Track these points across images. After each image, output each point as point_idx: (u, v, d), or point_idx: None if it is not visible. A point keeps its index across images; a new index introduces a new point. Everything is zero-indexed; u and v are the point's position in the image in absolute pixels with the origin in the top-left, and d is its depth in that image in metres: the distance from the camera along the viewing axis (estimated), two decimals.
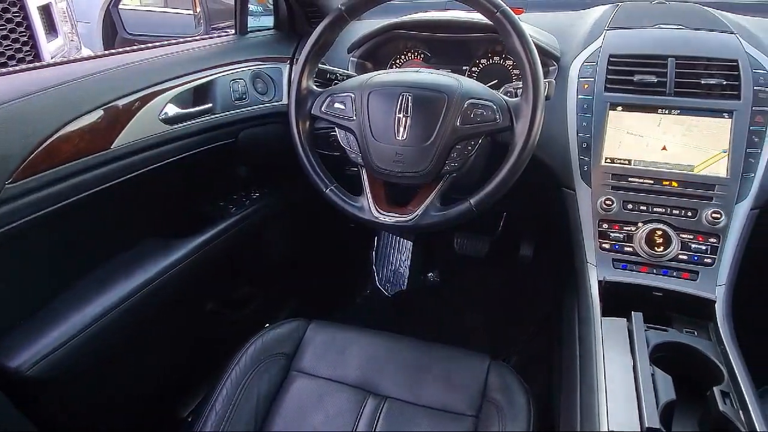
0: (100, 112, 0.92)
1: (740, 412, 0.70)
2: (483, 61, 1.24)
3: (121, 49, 1.09)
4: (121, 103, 0.96)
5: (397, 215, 0.94)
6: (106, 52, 1.11)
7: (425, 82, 0.94)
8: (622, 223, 0.96)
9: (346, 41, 1.29)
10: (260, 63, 1.28)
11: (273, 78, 1.29)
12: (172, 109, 1.05)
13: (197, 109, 1.11)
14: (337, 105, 0.97)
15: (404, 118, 0.91)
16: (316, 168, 1.00)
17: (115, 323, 1.00)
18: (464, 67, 1.25)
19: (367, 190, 0.97)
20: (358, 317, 1.83)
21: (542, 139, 1.05)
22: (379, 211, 0.94)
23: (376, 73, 1.00)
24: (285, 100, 1.29)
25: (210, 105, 1.13)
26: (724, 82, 0.98)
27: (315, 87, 1.02)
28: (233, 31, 1.33)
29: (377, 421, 0.94)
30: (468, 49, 1.24)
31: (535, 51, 0.87)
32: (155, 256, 1.10)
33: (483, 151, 1.00)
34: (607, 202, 0.97)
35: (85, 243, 1.02)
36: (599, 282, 0.93)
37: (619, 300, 0.89)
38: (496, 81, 1.19)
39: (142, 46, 1.12)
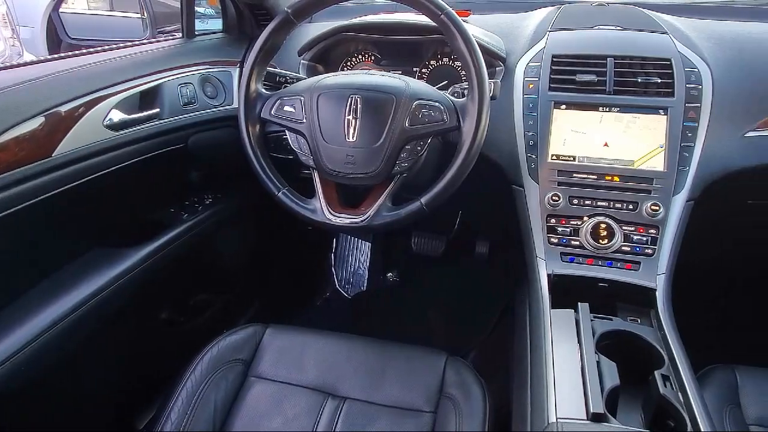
0: (40, 119, 0.89)
1: (679, 393, 0.74)
2: (433, 62, 1.26)
3: (63, 54, 1.06)
4: (63, 109, 0.93)
5: (349, 216, 0.94)
6: (49, 57, 1.08)
7: (374, 84, 0.95)
8: (569, 217, 1.00)
9: (297, 44, 1.29)
10: (209, 66, 1.26)
11: (223, 82, 1.27)
12: (117, 115, 1.02)
13: (144, 114, 1.08)
14: (286, 108, 0.97)
15: (354, 120, 0.92)
16: (267, 171, 1.00)
17: (64, 336, 0.97)
18: (414, 69, 1.27)
19: (320, 192, 0.97)
20: (319, 320, 1.83)
21: (491, 138, 1.07)
22: (331, 213, 0.95)
23: (325, 75, 1.01)
24: (236, 104, 1.28)
25: (157, 110, 1.11)
26: (659, 80, 1.03)
27: (264, 90, 1.01)
28: (180, 35, 1.31)
29: (336, 423, 0.95)
30: (418, 50, 1.26)
31: (479, 52, 0.90)
32: (104, 266, 1.07)
33: (434, 150, 1.02)
34: (554, 197, 1.00)
35: (30, 255, 0.99)
36: (548, 275, 0.96)
37: (567, 292, 0.92)
38: (446, 82, 1.20)
39: (86, 50, 1.09)
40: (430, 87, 0.96)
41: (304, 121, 0.95)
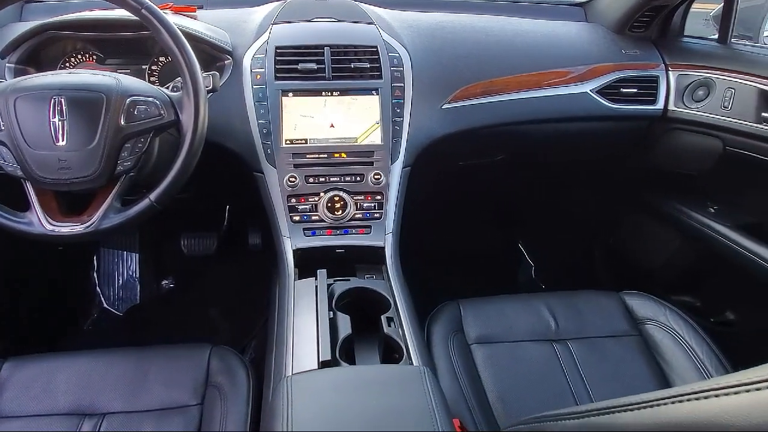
0: None
1: (400, 330, 0.86)
2: (162, 58, 1.23)
3: None
4: None
5: (73, 224, 0.89)
6: None
7: (78, 83, 0.90)
8: (307, 195, 1.08)
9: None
10: None
11: None
12: None
13: None
14: None
15: (60, 123, 0.86)
16: None
17: None
18: (144, 66, 1.23)
19: (35, 203, 0.89)
20: (91, 343, 1.67)
21: (227, 129, 1.11)
22: (52, 223, 0.88)
23: (22, 78, 0.92)
24: None
25: None
26: (369, 65, 1.16)
27: None
28: None
29: None
30: (144, 47, 1.22)
31: (187, 45, 0.90)
32: None
33: (170, 146, 1.01)
34: (291, 179, 1.08)
35: None
36: (293, 251, 1.03)
37: (311, 263, 1.00)
38: (179, 77, 1.19)
39: None
40: (143, 82, 0.95)
41: (2, 128, 0.86)
